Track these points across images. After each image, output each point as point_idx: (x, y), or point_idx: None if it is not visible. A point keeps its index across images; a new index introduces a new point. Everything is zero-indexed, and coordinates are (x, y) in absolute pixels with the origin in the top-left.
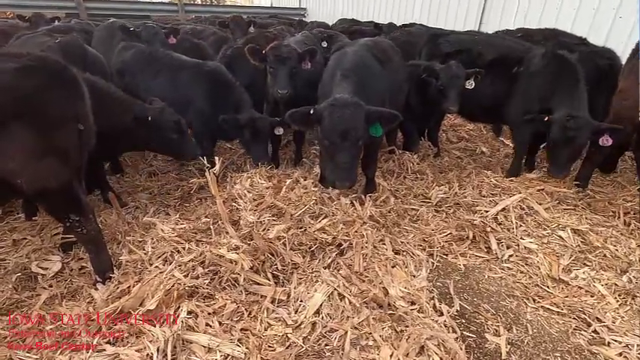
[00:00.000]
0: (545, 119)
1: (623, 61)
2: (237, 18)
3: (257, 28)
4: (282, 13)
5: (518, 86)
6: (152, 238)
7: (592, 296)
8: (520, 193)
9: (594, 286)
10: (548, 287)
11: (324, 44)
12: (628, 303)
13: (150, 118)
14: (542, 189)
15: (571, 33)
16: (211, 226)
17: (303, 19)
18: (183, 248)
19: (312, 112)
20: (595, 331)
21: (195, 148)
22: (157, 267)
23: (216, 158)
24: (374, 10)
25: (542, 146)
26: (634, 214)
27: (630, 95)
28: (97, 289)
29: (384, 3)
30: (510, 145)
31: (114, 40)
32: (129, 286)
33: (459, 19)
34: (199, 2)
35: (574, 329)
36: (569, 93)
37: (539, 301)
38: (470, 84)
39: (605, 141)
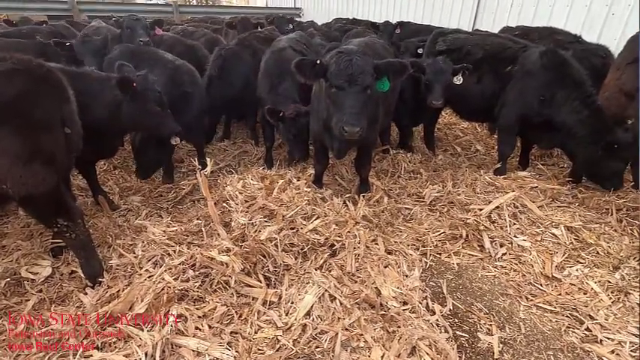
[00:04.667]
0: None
1: None
2: (245, 20)
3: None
4: (278, 14)
5: (510, 86)
6: (143, 241)
7: (585, 294)
8: (514, 191)
9: (587, 283)
10: (541, 285)
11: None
12: (621, 300)
13: (135, 84)
14: (536, 187)
15: (567, 31)
16: (203, 229)
17: (299, 18)
18: (174, 251)
19: (318, 62)
20: (588, 329)
21: (175, 124)
22: (146, 270)
23: (208, 159)
24: (369, 9)
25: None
26: (627, 210)
27: (609, 88)
28: (86, 293)
29: (378, 2)
30: None
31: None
32: (118, 290)
33: (454, 17)
34: (195, 3)
35: (567, 327)
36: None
37: (532, 300)
38: (458, 79)
39: None
